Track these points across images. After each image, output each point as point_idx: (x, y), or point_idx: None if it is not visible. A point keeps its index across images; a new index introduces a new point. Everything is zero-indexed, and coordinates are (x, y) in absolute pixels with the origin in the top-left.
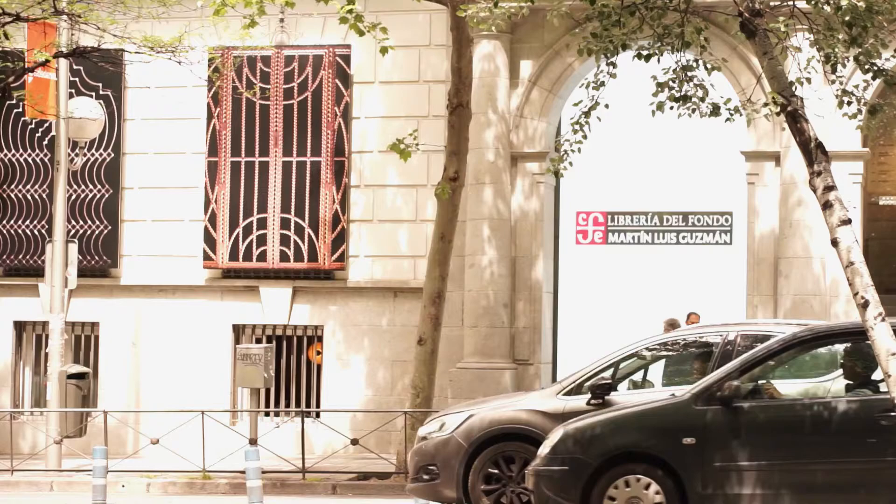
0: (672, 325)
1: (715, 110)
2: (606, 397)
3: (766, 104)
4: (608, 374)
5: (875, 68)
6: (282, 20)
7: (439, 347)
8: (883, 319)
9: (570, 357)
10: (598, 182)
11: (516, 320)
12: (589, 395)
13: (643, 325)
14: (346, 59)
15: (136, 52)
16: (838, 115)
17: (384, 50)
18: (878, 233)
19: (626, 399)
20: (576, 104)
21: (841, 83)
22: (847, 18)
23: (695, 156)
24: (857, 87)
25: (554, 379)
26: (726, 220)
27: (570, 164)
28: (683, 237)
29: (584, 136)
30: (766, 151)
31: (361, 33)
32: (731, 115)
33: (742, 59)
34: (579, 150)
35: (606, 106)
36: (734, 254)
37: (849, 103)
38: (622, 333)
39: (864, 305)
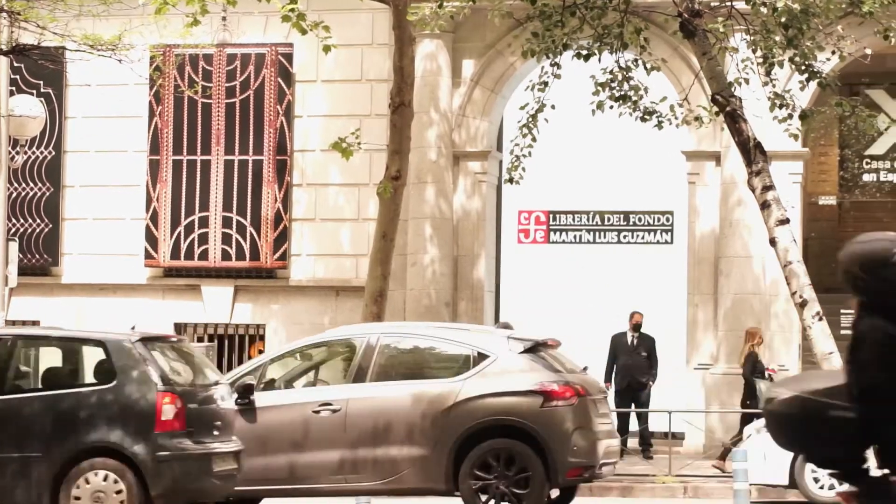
0: (505, 326)
1: (647, 115)
2: (251, 397)
3: (697, 116)
4: (258, 374)
5: (810, 70)
6: (224, 18)
7: None
8: (821, 319)
9: None
10: (540, 181)
11: (458, 319)
12: (236, 395)
13: (585, 324)
14: (289, 57)
15: (77, 51)
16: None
17: (327, 49)
18: (817, 232)
19: (270, 400)
20: (522, 107)
21: (774, 86)
22: (783, 20)
23: (636, 155)
24: (788, 91)
25: None
26: (667, 220)
27: (524, 169)
28: (625, 236)
29: (534, 139)
30: (706, 151)
31: (304, 32)
32: (660, 122)
33: (682, 59)
34: (530, 153)
35: (553, 107)
36: (675, 253)
37: (780, 107)
38: (564, 332)
39: (802, 305)
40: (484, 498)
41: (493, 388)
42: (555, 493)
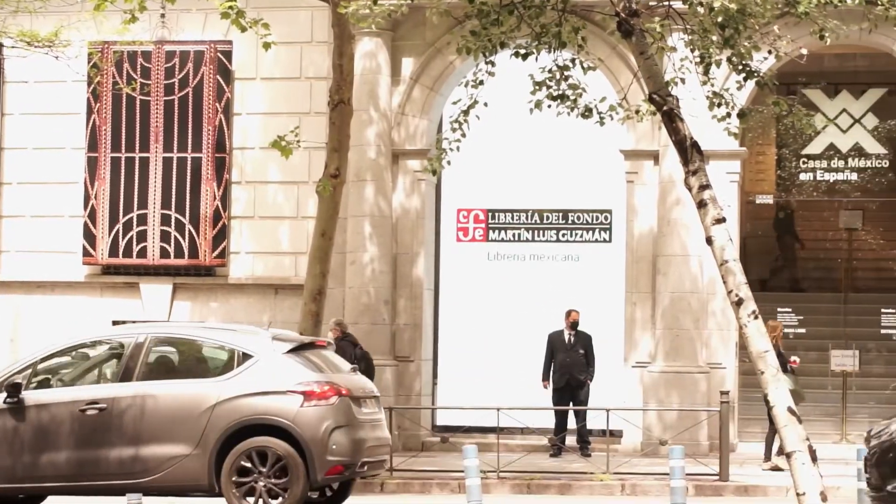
0: (338, 324)
1: (587, 112)
2: (20, 396)
3: (637, 110)
4: (28, 373)
5: (747, 70)
6: (163, 15)
7: None
8: (756, 317)
9: (450, 354)
10: (479, 180)
11: (397, 317)
12: (5, 394)
13: (524, 321)
14: (228, 55)
15: (14, 47)
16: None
17: (266, 46)
18: (754, 231)
19: (38, 398)
20: (455, 102)
21: (712, 85)
22: (720, 20)
23: (575, 154)
24: (727, 90)
25: (435, 376)
26: (606, 218)
27: (449, 162)
28: (563, 235)
29: (464, 135)
30: (644, 150)
31: (243, 29)
32: (602, 118)
33: (621, 58)
34: (458, 148)
35: (485, 104)
36: (613, 251)
37: (718, 105)
38: (503, 330)
39: (738, 303)
40: (244, 496)
41: (254, 388)
42: (354, 489)
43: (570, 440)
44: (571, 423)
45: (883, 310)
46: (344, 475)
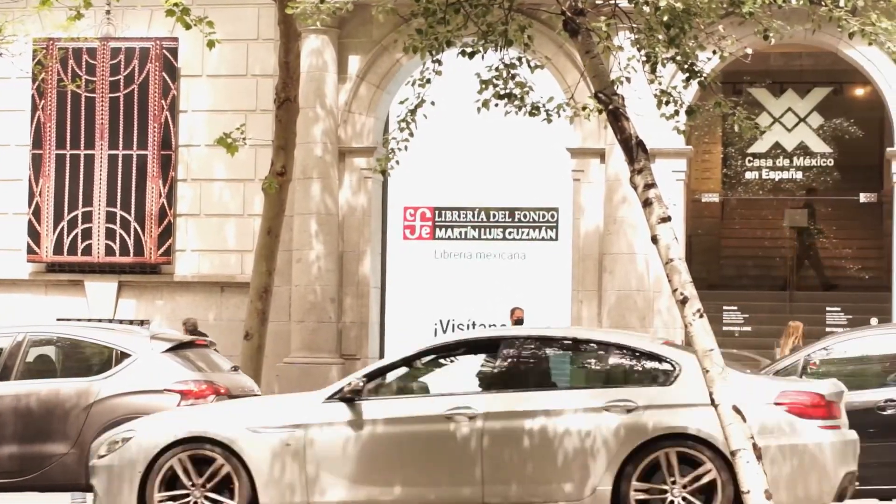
0: (184, 323)
1: (534, 111)
2: None
3: (584, 107)
4: None
5: (692, 69)
6: (108, 12)
7: (266, 342)
8: (701, 316)
9: (397, 352)
10: (426, 178)
11: (344, 315)
12: None
13: (470, 320)
14: (174, 52)
15: None
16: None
17: (211, 44)
18: (701, 229)
19: None
20: (402, 102)
21: (660, 83)
22: (665, 19)
23: (521, 152)
24: (674, 88)
25: None
26: (552, 217)
27: (398, 162)
28: (510, 233)
29: (411, 134)
30: (591, 148)
31: (188, 26)
32: (549, 116)
33: (568, 57)
34: (406, 147)
35: (433, 103)
36: (560, 250)
37: (667, 103)
38: (449, 328)
39: (684, 302)
40: None
41: (132, 387)
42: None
43: None
44: None
45: (828, 308)
46: None
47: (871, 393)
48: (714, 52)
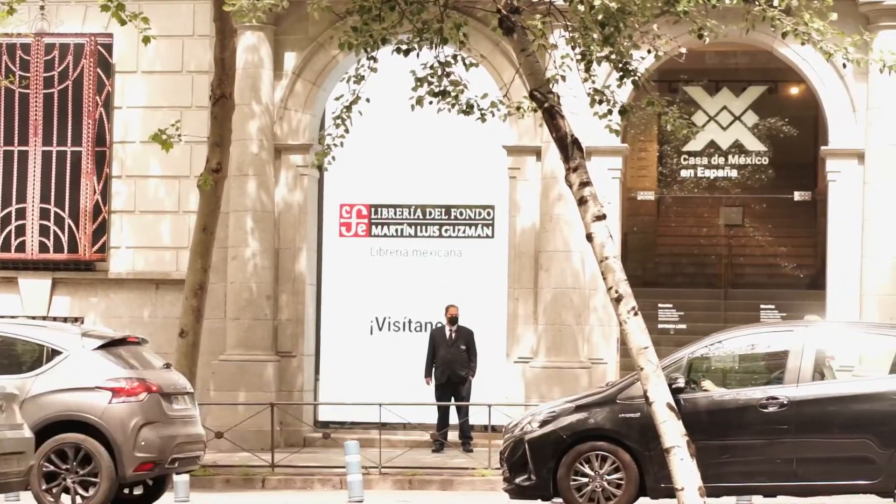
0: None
1: (469, 108)
2: None
3: (518, 106)
4: None
5: (625, 69)
6: (42, 7)
7: (201, 340)
8: (636, 314)
9: (333, 349)
10: (362, 175)
11: (279, 312)
12: None
13: (406, 317)
14: (108, 47)
15: None
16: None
17: (146, 39)
18: (636, 227)
19: None
20: (337, 98)
21: (593, 82)
22: (600, 18)
23: (458, 150)
24: (608, 87)
25: (317, 371)
26: (488, 214)
27: (333, 158)
28: (446, 230)
29: (346, 131)
30: (527, 146)
31: (123, 22)
32: (483, 114)
33: (504, 55)
34: (341, 144)
35: (368, 100)
36: (496, 247)
37: (600, 102)
38: (385, 325)
39: (618, 300)
40: (51, 491)
41: (63, 385)
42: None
43: (453, 436)
44: (454, 418)
45: (762, 305)
46: (153, 472)
47: (753, 391)
48: (649, 51)
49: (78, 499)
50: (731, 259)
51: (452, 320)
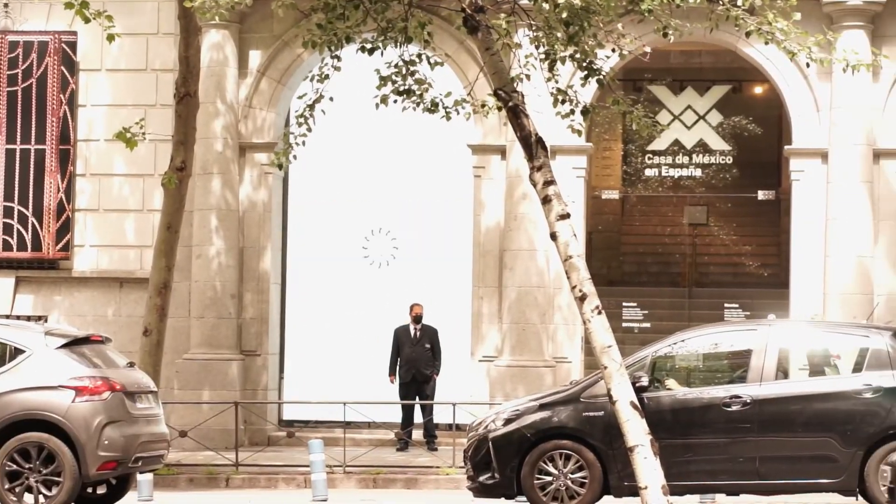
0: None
1: (433, 107)
2: None
3: (482, 105)
4: None
5: (589, 68)
6: (6, 4)
7: (165, 338)
8: (600, 312)
9: (297, 348)
10: (327, 174)
11: (244, 311)
12: None
13: (370, 316)
14: (73, 45)
15: None
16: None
17: (111, 37)
18: (601, 226)
19: None
20: (301, 97)
21: (557, 82)
22: (565, 17)
23: (423, 148)
24: (571, 86)
25: (281, 370)
26: (453, 213)
27: (295, 157)
28: (411, 229)
29: (310, 129)
30: (492, 145)
31: (87, 20)
32: (448, 113)
33: (469, 54)
34: (304, 143)
35: (331, 99)
36: (460, 246)
37: (563, 102)
38: (350, 324)
39: (582, 298)
40: (18, 491)
41: (26, 383)
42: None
43: (417, 434)
44: (418, 417)
45: (726, 304)
46: (117, 471)
47: (716, 389)
48: (613, 50)
49: (41, 498)
50: (696, 258)
51: (417, 319)
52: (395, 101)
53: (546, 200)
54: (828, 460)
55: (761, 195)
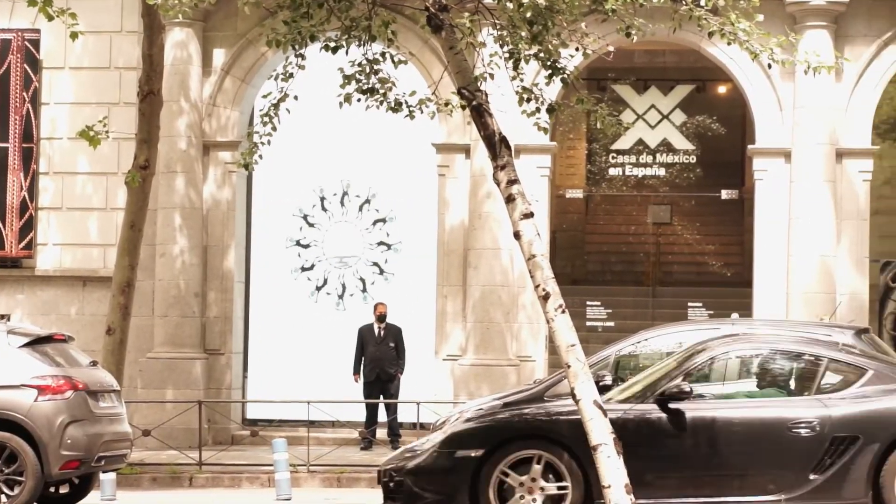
0: None
1: (397, 106)
2: None
3: (446, 103)
4: None
5: (553, 67)
6: None
7: (129, 337)
8: (563, 311)
9: (261, 347)
10: (291, 172)
11: (207, 310)
12: None
13: (336, 313)
14: (36, 43)
15: None
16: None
17: (74, 35)
18: (565, 225)
19: None
20: (265, 96)
21: (521, 80)
22: (529, 16)
23: (387, 146)
24: (536, 85)
25: (245, 369)
26: (418, 212)
27: (261, 156)
28: (375, 227)
29: (274, 128)
30: (456, 144)
31: (51, 18)
32: (411, 112)
33: (434, 52)
34: (269, 142)
35: (296, 98)
36: (425, 244)
37: (528, 100)
38: (314, 323)
39: (545, 297)
40: None
41: None
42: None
43: (381, 433)
44: (382, 416)
45: (690, 303)
46: (79, 470)
47: None
48: (577, 49)
49: (3, 497)
50: (659, 257)
51: (381, 318)
52: (359, 100)
53: (510, 199)
54: None
55: (725, 194)
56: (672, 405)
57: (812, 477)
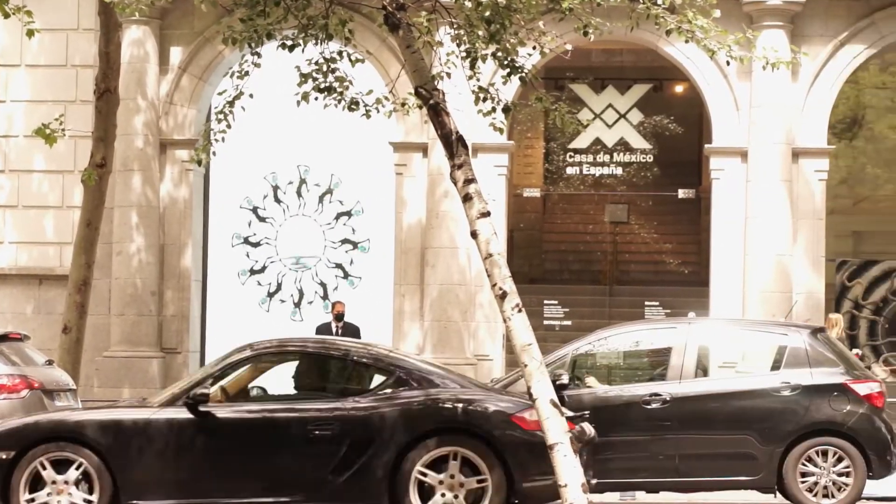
0: None
1: (354, 105)
2: None
3: (403, 103)
4: None
5: (512, 65)
6: None
7: (85, 336)
8: (520, 311)
9: (218, 346)
10: (248, 170)
11: (164, 308)
12: None
13: (293, 314)
14: None
15: None
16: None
17: (30, 33)
18: (523, 224)
19: None
20: (220, 93)
21: (478, 80)
22: (486, 15)
23: (345, 145)
24: (492, 84)
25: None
26: (375, 210)
27: (214, 153)
28: (332, 226)
29: (229, 126)
30: (413, 142)
31: (7, 15)
32: (368, 111)
33: (391, 51)
34: (223, 139)
35: (251, 96)
36: (382, 243)
37: (484, 100)
38: (272, 322)
39: (502, 297)
40: None
41: None
42: None
43: None
44: None
45: (647, 302)
46: None
47: (636, 387)
48: (534, 48)
49: None
50: (617, 256)
51: (339, 317)
52: (317, 99)
53: (467, 198)
54: (746, 458)
55: (682, 193)
56: (202, 408)
57: (331, 478)
